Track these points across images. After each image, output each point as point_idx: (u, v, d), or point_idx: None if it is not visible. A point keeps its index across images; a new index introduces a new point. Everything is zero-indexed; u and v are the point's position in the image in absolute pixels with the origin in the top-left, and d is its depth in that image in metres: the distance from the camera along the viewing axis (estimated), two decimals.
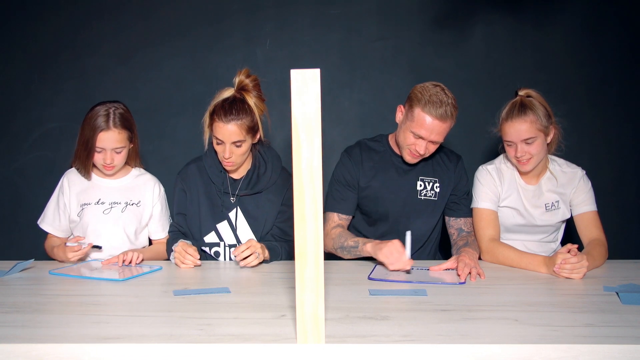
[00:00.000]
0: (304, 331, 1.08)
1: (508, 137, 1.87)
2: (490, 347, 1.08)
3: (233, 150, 1.81)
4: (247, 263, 1.73)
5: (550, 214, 1.96)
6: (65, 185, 1.97)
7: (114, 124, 1.85)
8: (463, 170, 2.05)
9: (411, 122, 1.84)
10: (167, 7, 2.79)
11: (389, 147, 2.04)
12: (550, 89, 2.82)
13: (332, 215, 1.98)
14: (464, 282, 1.58)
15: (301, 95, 1.01)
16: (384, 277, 1.63)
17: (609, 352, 1.07)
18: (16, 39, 2.79)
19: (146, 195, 2.02)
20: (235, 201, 1.93)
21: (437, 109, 1.78)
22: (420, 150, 1.86)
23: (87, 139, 1.85)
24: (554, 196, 1.96)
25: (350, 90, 2.84)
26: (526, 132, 1.84)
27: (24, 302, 1.40)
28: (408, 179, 1.99)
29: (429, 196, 1.99)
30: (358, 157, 2.00)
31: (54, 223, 1.98)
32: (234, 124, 1.78)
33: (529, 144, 1.85)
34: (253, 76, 1.86)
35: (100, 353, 1.09)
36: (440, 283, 1.57)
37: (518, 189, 1.98)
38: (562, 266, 1.61)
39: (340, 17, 2.80)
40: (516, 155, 1.87)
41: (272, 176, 1.92)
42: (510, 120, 1.86)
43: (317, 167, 1.03)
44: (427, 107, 1.79)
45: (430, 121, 1.80)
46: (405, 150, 1.91)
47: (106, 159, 1.87)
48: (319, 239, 1.05)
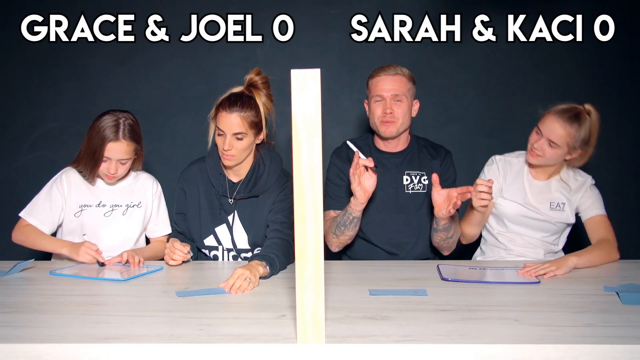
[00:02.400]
0: (304, 331, 1.08)
1: (542, 128, 1.89)
2: (490, 347, 1.08)
3: (233, 143, 1.80)
4: (242, 290, 1.49)
5: (554, 212, 1.97)
6: (65, 182, 1.93)
7: (123, 135, 1.83)
8: (450, 163, 2.07)
9: (370, 94, 1.99)
10: (167, 7, 2.79)
11: (373, 145, 2.08)
12: (550, 89, 2.83)
13: (328, 213, 2.02)
14: (538, 282, 1.58)
15: (301, 95, 1.01)
16: (457, 277, 1.62)
17: (609, 352, 1.07)
18: (16, 39, 2.79)
19: (146, 194, 2.02)
20: (233, 204, 1.92)
21: (385, 70, 1.96)
22: (387, 109, 1.93)
23: (95, 148, 1.83)
24: (562, 198, 1.98)
25: (350, 90, 2.84)
26: (557, 137, 1.86)
27: (24, 302, 1.40)
28: (394, 174, 2.02)
29: (417, 189, 2.01)
30: (345, 156, 2.04)
31: (42, 217, 1.90)
32: (237, 114, 1.78)
33: (551, 147, 1.88)
34: (264, 75, 1.86)
35: (100, 353, 1.09)
36: (513, 282, 1.58)
37: (524, 182, 2.01)
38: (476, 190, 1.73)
39: (340, 17, 2.80)
40: (534, 145, 1.91)
41: (269, 180, 1.90)
42: (557, 118, 1.86)
43: (317, 167, 1.02)
44: (374, 73, 1.98)
45: (382, 78, 1.94)
46: (378, 126, 1.97)
47: (110, 169, 1.86)
48: (319, 239, 1.05)
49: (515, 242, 2.03)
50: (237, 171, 1.92)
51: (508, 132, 2.85)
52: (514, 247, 2.03)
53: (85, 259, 1.78)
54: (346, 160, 2.03)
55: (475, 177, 2.05)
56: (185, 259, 1.79)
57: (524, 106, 2.83)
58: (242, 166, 1.91)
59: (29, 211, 1.93)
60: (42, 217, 1.91)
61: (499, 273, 1.70)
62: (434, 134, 2.30)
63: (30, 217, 1.92)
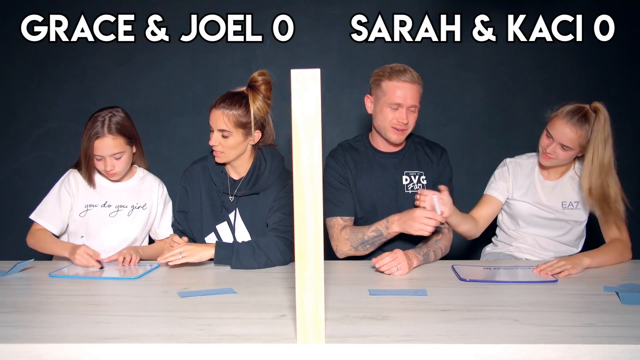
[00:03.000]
0: (304, 331, 1.08)
1: (552, 132, 1.87)
2: (490, 347, 1.08)
3: (219, 139, 1.82)
4: (172, 261, 1.74)
5: (567, 210, 1.97)
6: (73, 182, 1.94)
7: (108, 130, 1.84)
8: (447, 162, 2.05)
9: (384, 96, 1.88)
10: (167, 7, 2.79)
11: (370, 145, 2.05)
12: (550, 89, 2.83)
13: (335, 220, 1.96)
14: (556, 280, 1.59)
15: (301, 95, 1.01)
16: (474, 277, 1.62)
17: (609, 352, 1.07)
18: (16, 39, 2.79)
19: (152, 197, 2.02)
20: (234, 202, 1.93)
21: (403, 75, 1.86)
22: (403, 119, 1.88)
23: (87, 147, 1.86)
24: (575, 196, 1.97)
25: (350, 90, 2.84)
26: (570, 141, 1.85)
27: (24, 302, 1.40)
28: (393, 174, 2.00)
29: (417, 189, 1.99)
30: (342, 158, 2.01)
31: (52, 218, 1.92)
32: (222, 111, 1.80)
33: (563, 150, 1.87)
34: (267, 78, 1.86)
35: (100, 353, 1.09)
36: (532, 282, 1.58)
37: (535, 183, 2.01)
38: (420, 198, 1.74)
39: (340, 17, 2.80)
40: (546, 150, 1.90)
41: (270, 177, 1.91)
42: (566, 122, 1.84)
43: (317, 167, 1.02)
44: (392, 76, 1.86)
45: (401, 85, 1.85)
46: (388, 131, 1.92)
47: (106, 166, 1.87)
48: (319, 239, 1.05)
49: (526, 241, 2.03)
50: (237, 169, 1.93)
51: (508, 132, 2.85)
52: (524, 245, 2.03)
53: (80, 262, 1.78)
54: (344, 164, 2.00)
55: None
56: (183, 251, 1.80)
57: (524, 106, 2.84)
58: (242, 164, 1.92)
59: (39, 213, 1.94)
60: (52, 218, 1.92)
61: (514, 272, 1.71)
62: (434, 134, 2.30)
63: (41, 218, 1.93)
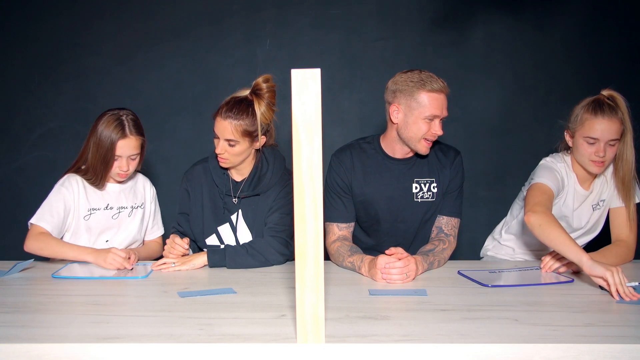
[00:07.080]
0: (304, 331, 1.08)
1: (593, 134, 1.73)
2: (490, 347, 1.08)
3: (226, 147, 1.82)
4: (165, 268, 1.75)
5: (594, 213, 1.90)
6: (74, 185, 1.89)
7: (130, 131, 1.83)
8: (459, 166, 1.94)
9: (421, 108, 1.77)
10: (167, 7, 2.80)
11: (380, 149, 1.92)
12: (550, 89, 2.83)
13: (332, 227, 1.90)
14: (572, 280, 1.59)
15: (301, 95, 1.01)
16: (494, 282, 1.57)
17: (609, 352, 1.08)
18: (16, 39, 2.79)
19: (146, 196, 2.04)
20: (237, 203, 1.93)
21: (437, 83, 1.77)
22: (439, 131, 1.80)
23: (106, 151, 1.81)
24: (603, 195, 1.89)
25: (350, 90, 2.84)
26: (616, 132, 1.72)
27: (24, 302, 1.40)
28: (403, 182, 1.90)
29: (426, 198, 1.90)
30: (349, 162, 1.90)
31: (57, 223, 1.86)
32: (230, 122, 1.78)
33: (611, 146, 1.74)
34: (271, 84, 1.84)
35: (100, 353, 1.09)
36: (550, 283, 1.58)
37: (574, 194, 1.87)
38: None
39: (340, 17, 2.80)
40: (597, 153, 1.74)
41: (272, 178, 1.91)
42: (601, 117, 1.72)
43: (317, 167, 1.03)
44: (427, 86, 1.76)
45: (438, 96, 1.77)
46: (420, 143, 1.81)
47: (122, 166, 1.85)
48: (319, 239, 1.05)
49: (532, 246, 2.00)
50: (240, 170, 1.93)
51: (508, 132, 2.85)
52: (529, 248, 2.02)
53: (114, 266, 1.74)
54: (349, 167, 1.90)
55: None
56: (184, 253, 1.82)
57: (524, 106, 2.84)
58: (244, 166, 1.92)
59: (40, 217, 1.85)
60: (54, 222, 1.85)
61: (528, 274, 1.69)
62: None
63: (44, 222, 1.84)
